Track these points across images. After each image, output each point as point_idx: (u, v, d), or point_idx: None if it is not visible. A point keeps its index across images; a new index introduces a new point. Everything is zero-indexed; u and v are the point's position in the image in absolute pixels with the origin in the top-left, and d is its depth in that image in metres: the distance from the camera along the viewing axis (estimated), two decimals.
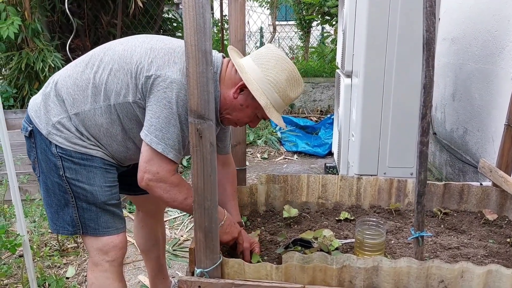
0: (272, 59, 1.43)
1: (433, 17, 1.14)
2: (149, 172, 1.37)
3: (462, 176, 3.27)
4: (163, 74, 1.34)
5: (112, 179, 1.54)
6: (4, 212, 2.59)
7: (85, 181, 1.46)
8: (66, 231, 1.53)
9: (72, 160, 1.44)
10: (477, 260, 1.56)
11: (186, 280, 1.35)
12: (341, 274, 1.32)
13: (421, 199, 1.27)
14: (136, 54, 1.40)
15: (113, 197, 1.53)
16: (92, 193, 1.47)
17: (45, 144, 1.45)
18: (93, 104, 1.42)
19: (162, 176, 1.38)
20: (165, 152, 1.35)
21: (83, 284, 2.35)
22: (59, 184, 1.47)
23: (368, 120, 2.91)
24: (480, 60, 3.03)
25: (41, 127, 1.45)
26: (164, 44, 1.43)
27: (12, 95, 4.06)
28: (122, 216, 1.59)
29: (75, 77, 1.45)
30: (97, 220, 1.51)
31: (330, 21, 5.99)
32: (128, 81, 1.39)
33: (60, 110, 1.44)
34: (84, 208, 1.49)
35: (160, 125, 1.34)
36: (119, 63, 1.40)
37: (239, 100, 1.46)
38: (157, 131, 1.34)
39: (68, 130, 1.44)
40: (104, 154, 1.49)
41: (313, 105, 6.03)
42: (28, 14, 3.77)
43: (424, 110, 1.17)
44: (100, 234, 1.52)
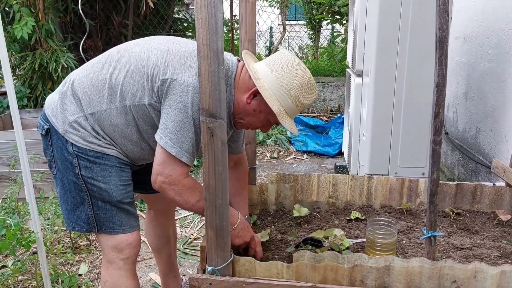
0: (286, 65, 1.43)
1: (446, 15, 1.13)
2: (162, 174, 1.38)
3: (475, 176, 3.23)
4: (179, 78, 1.35)
5: (127, 178, 1.55)
6: (19, 209, 2.63)
7: (100, 180, 1.48)
8: (81, 229, 1.56)
9: (88, 158, 1.46)
10: (490, 261, 1.55)
11: (197, 277, 1.36)
12: (352, 274, 1.32)
13: (434, 199, 1.26)
14: (152, 56, 1.41)
15: (127, 196, 1.55)
16: (107, 191, 1.49)
17: (61, 143, 1.47)
18: (109, 104, 1.44)
19: (175, 179, 1.39)
20: (179, 155, 1.36)
21: (95, 281, 2.37)
22: (75, 182, 1.49)
23: (379, 120, 2.89)
24: (493, 59, 3.00)
25: (58, 125, 1.47)
26: (180, 47, 1.43)
27: (26, 95, 4.12)
28: (136, 214, 1.61)
29: (91, 77, 1.46)
30: (112, 218, 1.53)
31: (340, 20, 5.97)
32: (144, 84, 1.40)
33: (76, 109, 1.46)
34: (99, 206, 1.51)
35: (175, 129, 1.35)
36: (136, 65, 1.42)
37: (252, 105, 1.47)
38: (172, 134, 1.35)
39: (84, 129, 1.45)
40: (118, 153, 1.51)
41: (323, 104, 6.02)
42: (42, 15, 3.82)
43: (437, 108, 1.16)
44: (114, 232, 1.54)
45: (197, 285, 1.36)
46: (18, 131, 1.91)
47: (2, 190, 2.92)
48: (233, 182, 1.75)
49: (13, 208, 2.66)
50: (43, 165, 3.18)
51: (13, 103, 1.87)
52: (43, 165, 3.18)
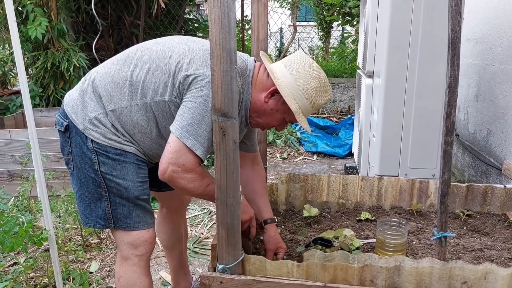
0: (303, 67, 1.48)
1: (459, 16, 1.13)
2: (175, 164, 1.38)
3: (485, 178, 3.21)
4: (202, 73, 1.37)
5: (144, 175, 1.57)
6: (31, 207, 2.66)
7: (119, 176, 1.50)
8: (98, 225, 1.57)
9: (107, 155, 1.48)
10: (501, 262, 1.54)
11: (208, 275, 1.37)
12: (362, 273, 1.32)
13: (445, 199, 1.26)
14: (174, 54, 1.43)
15: (144, 192, 1.56)
16: (126, 187, 1.51)
17: (80, 139, 1.49)
18: (130, 101, 1.45)
19: (188, 168, 1.39)
20: (194, 147, 1.37)
21: (106, 279, 2.40)
22: (93, 178, 1.51)
23: (390, 121, 2.89)
24: (504, 61, 2.97)
25: (78, 122, 1.48)
26: (201, 46, 1.46)
27: (38, 94, 4.17)
28: (152, 211, 1.63)
29: (112, 74, 1.48)
30: (129, 215, 1.54)
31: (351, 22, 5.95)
32: (166, 80, 1.42)
33: (97, 106, 1.48)
34: (117, 202, 1.52)
35: (193, 121, 1.36)
36: (157, 62, 1.44)
37: (269, 104, 1.49)
38: (189, 126, 1.36)
39: (104, 126, 1.47)
40: (137, 151, 1.53)
41: (333, 105, 6.01)
42: (54, 15, 3.87)
43: (448, 109, 1.16)
44: (131, 228, 1.56)
45: (208, 283, 1.37)
46: (32, 130, 1.93)
47: (14, 187, 2.96)
48: (257, 183, 1.78)
49: (25, 205, 2.69)
50: (55, 163, 3.23)
51: (27, 102, 1.90)
52: (55, 164, 3.22)
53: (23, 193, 2.69)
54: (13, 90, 4.60)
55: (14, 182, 3.27)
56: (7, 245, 1.86)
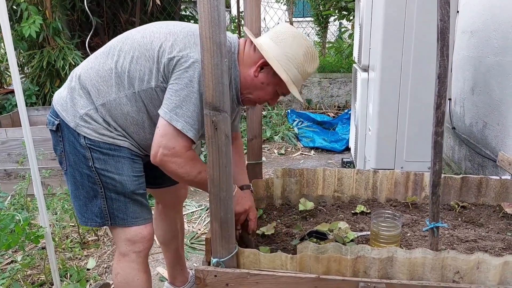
0: (289, 37, 1.46)
1: (448, 6, 1.13)
2: (165, 147, 1.37)
3: (482, 170, 3.21)
4: (186, 54, 1.37)
5: (139, 169, 1.56)
6: (27, 205, 2.67)
7: (114, 171, 1.49)
8: (95, 223, 1.56)
9: (101, 150, 1.47)
10: (495, 252, 1.54)
11: (203, 269, 1.37)
12: (355, 265, 1.33)
13: (436, 190, 1.26)
14: (155, 39, 1.43)
15: (140, 187, 1.56)
16: (121, 182, 1.50)
17: (73, 137, 1.48)
18: (118, 93, 1.45)
19: (178, 151, 1.38)
20: (185, 130, 1.36)
21: (103, 275, 2.40)
22: (88, 175, 1.50)
23: (385, 114, 2.89)
24: (500, 53, 2.97)
25: (69, 119, 1.47)
26: (182, 28, 1.46)
27: (34, 92, 4.17)
28: (149, 207, 1.62)
29: (97, 68, 1.48)
30: (125, 211, 1.53)
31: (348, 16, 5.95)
32: (151, 67, 1.41)
33: (86, 102, 1.47)
34: (113, 198, 1.51)
35: (180, 103, 1.35)
36: (140, 50, 1.43)
37: (260, 78, 1.48)
38: (178, 109, 1.35)
39: (96, 121, 1.46)
40: (130, 145, 1.52)
41: (331, 100, 6.00)
42: (49, 13, 3.86)
43: (438, 100, 1.17)
44: (128, 224, 1.54)
45: (202, 277, 1.38)
46: (26, 128, 1.93)
47: (11, 186, 2.96)
48: (236, 155, 1.77)
49: (22, 204, 2.70)
50: (51, 161, 3.23)
51: (21, 101, 1.90)
52: (51, 162, 3.22)
53: (19, 192, 2.70)
54: (9, 89, 4.60)
55: (11, 181, 3.27)
56: (3, 242, 1.87)
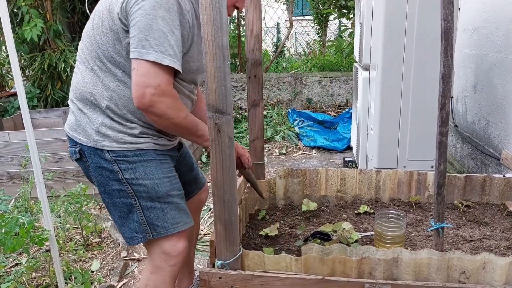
0: None
1: (451, 6, 1.13)
2: (150, 86, 1.29)
3: (485, 168, 3.21)
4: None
5: (169, 169, 1.53)
6: (31, 208, 2.67)
7: (144, 177, 1.45)
8: (137, 240, 1.50)
9: (127, 159, 1.44)
10: (500, 252, 1.54)
11: (207, 271, 1.37)
12: (360, 266, 1.33)
13: (441, 190, 1.26)
14: (100, 12, 1.40)
15: (174, 187, 1.52)
16: (154, 187, 1.46)
17: (96, 156, 1.45)
18: (110, 84, 1.42)
19: (165, 89, 1.32)
20: (159, 59, 1.28)
21: (107, 277, 2.40)
22: (119, 190, 1.46)
23: (387, 113, 2.88)
24: (502, 50, 2.97)
25: (87, 141, 1.45)
26: None
27: (36, 95, 4.17)
28: (187, 210, 1.57)
29: (80, 80, 1.46)
30: (164, 218, 1.49)
31: (347, 15, 5.93)
32: (114, 35, 1.37)
33: (96, 115, 1.45)
34: (149, 207, 1.47)
35: (142, 35, 1.28)
36: (96, 33, 1.40)
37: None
38: (142, 41, 1.28)
39: (112, 129, 1.43)
40: (154, 144, 1.48)
41: (331, 99, 5.99)
42: (50, 16, 3.86)
43: (443, 100, 1.16)
44: (170, 232, 1.49)
45: (207, 279, 1.38)
46: (29, 131, 1.93)
47: (14, 189, 2.96)
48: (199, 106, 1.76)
49: (25, 206, 2.70)
50: (55, 164, 3.23)
51: (24, 104, 1.90)
52: (55, 164, 3.23)
53: (23, 194, 2.70)
54: (11, 92, 4.61)
55: (14, 184, 3.27)
56: (8, 246, 1.87)
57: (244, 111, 5.89)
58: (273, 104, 5.98)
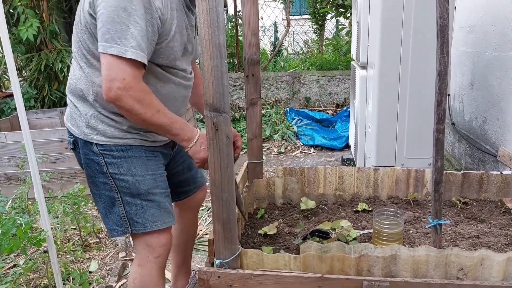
0: None
1: (447, 3, 1.13)
2: (115, 79, 1.28)
3: (482, 166, 3.22)
4: None
5: (155, 167, 1.54)
6: (29, 209, 2.67)
7: (127, 173, 1.48)
8: (117, 233, 1.54)
9: (113, 154, 1.47)
10: (498, 248, 1.55)
11: (206, 271, 1.37)
12: (359, 263, 1.33)
13: (439, 187, 1.27)
14: (79, 12, 1.41)
15: (157, 186, 1.53)
16: (135, 183, 1.48)
17: (86, 148, 1.49)
18: (96, 79, 1.42)
19: (130, 82, 1.29)
20: (121, 52, 1.27)
21: (106, 278, 2.40)
22: (105, 183, 1.50)
23: (385, 111, 2.89)
24: (498, 48, 2.97)
25: (78, 133, 1.49)
26: None
27: (33, 96, 4.16)
28: (169, 209, 1.58)
29: (73, 75, 1.51)
30: (143, 215, 1.51)
31: (345, 14, 5.94)
32: (89, 33, 1.38)
33: (86, 109, 1.48)
34: (130, 202, 1.50)
35: (105, 29, 1.27)
36: (78, 30, 1.41)
37: None
38: (105, 35, 1.27)
39: (102, 122, 1.46)
40: (142, 141, 1.50)
41: (329, 98, 6.00)
42: (46, 16, 3.85)
43: (439, 97, 1.17)
44: (148, 229, 1.52)
45: (206, 278, 1.38)
46: (26, 132, 1.93)
47: (12, 190, 2.96)
48: (197, 85, 1.75)
49: (23, 207, 2.69)
50: (52, 164, 3.23)
51: (20, 105, 1.90)
52: (52, 165, 3.22)
53: (20, 195, 2.69)
54: (7, 93, 4.59)
55: (11, 185, 3.27)
56: (5, 247, 1.86)
57: (242, 110, 5.89)
58: (271, 103, 5.99)
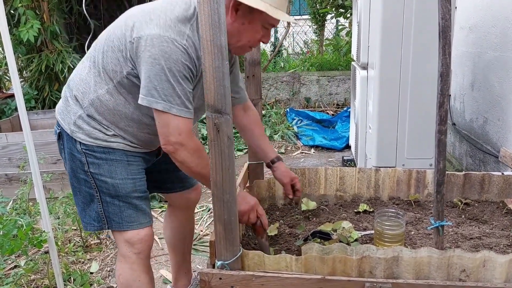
0: None
1: (449, 4, 1.13)
2: (171, 134, 1.37)
3: (483, 166, 3.22)
4: (143, 34, 1.35)
5: (136, 171, 1.58)
6: (29, 210, 2.66)
7: (107, 175, 1.52)
8: (93, 227, 1.60)
9: (95, 155, 1.51)
10: (500, 249, 1.54)
11: (207, 272, 1.37)
12: (361, 265, 1.32)
13: (441, 188, 1.26)
14: (117, 28, 1.43)
15: (136, 190, 1.57)
16: (114, 186, 1.53)
17: (71, 143, 1.53)
18: (99, 90, 1.48)
19: (184, 139, 1.38)
20: (166, 109, 1.35)
21: (107, 279, 2.40)
22: (85, 180, 1.54)
23: (385, 112, 2.88)
24: (499, 48, 2.97)
25: (66, 127, 1.54)
26: (141, 9, 1.44)
27: (33, 96, 4.16)
28: (146, 211, 1.62)
29: (79, 73, 1.53)
30: (120, 214, 1.56)
31: (345, 14, 5.94)
32: (117, 56, 1.42)
33: (76, 108, 1.52)
34: (108, 202, 1.54)
35: (152, 84, 1.33)
36: (107, 43, 1.45)
37: (239, 21, 1.42)
38: (152, 91, 1.34)
39: (88, 124, 1.50)
40: (125, 145, 1.54)
41: (329, 98, 6.00)
42: (47, 17, 3.85)
43: (441, 98, 1.16)
44: (124, 228, 1.57)
45: (207, 280, 1.37)
46: (27, 133, 1.93)
47: (12, 191, 2.96)
48: (254, 127, 1.80)
49: (24, 208, 2.69)
50: (53, 165, 3.22)
51: (21, 105, 1.90)
52: (53, 166, 3.22)
53: (21, 196, 2.69)
54: (8, 94, 4.59)
55: (12, 186, 3.26)
56: (6, 248, 1.86)
57: None
58: (271, 103, 5.98)
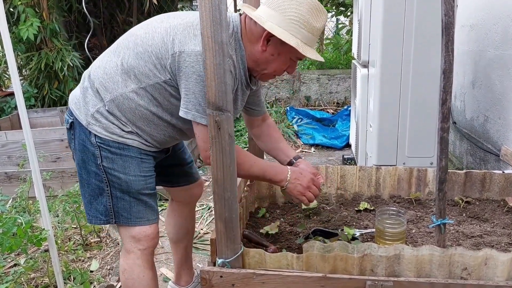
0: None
1: (452, 1, 1.12)
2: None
3: (484, 165, 3.21)
4: (187, 49, 1.36)
5: (147, 169, 1.58)
6: (29, 208, 2.66)
7: (120, 170, 1.52)
8: (99, 221, 1.59)
9: (110, 149, 1.50)
10: (501, 248, 1.54)
11: (208, 270, 1.37)
12: (362, 263, 1.32)
13: (443, 186, 1.26)
14: (157, 35, 1.43)
15: (147, 187, 1.57)
16: (127, 182, 1.52)
17: (84, 135, 1.52)
18: (124, 88, 1.47)
19: None
20: None
21: (107, 277, 2.39)
22: (96, 173, 1.53)
23: (386, 110, 2.88)
24: (500, 46, 2.96)
25: (81, 118, 1.52)
26: (181, 20, 1.44)
27: (33, 94, 4.15)
28: (155, 208, 1.63)
29: (104, 66, 1.51)
30: (129, 210, 1.56)
31: (345, 12, 5.93)
32: (155, 62, 1.42)
33: (96, 101, 1.51)
34: (118, 197, 1.54)
35: (197, 100, 1.37)
36: (142, 46, 1.44)
37: (269, 51, 1.45)
38: (197, 106, 1.37)
39: (106, 119, 1.50)
40: (140, 143, 1.54)
41: (330, 97, 5.99)
42: (46, 15, 3.84)
43: (444, 95, 1.16)
44: (132, 224, 1.57)
45: (208, 278, 1.37)
46: (26, 131, 1.92)
47: (12, 189, 2.95)
48: (273, 132, 1.83)
49: (23, 207, 2.68)
50: (52, 163, 3.22)
51: (21, 103, 1.89)
52: (52, 164, 3.22)
53: (21, 194, 2.69)
54: (7, 92, 4.59)
55: (12, 184, 3.26)
56: (5, 246, 1.85)
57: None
58: (271, 102, 5.98)
